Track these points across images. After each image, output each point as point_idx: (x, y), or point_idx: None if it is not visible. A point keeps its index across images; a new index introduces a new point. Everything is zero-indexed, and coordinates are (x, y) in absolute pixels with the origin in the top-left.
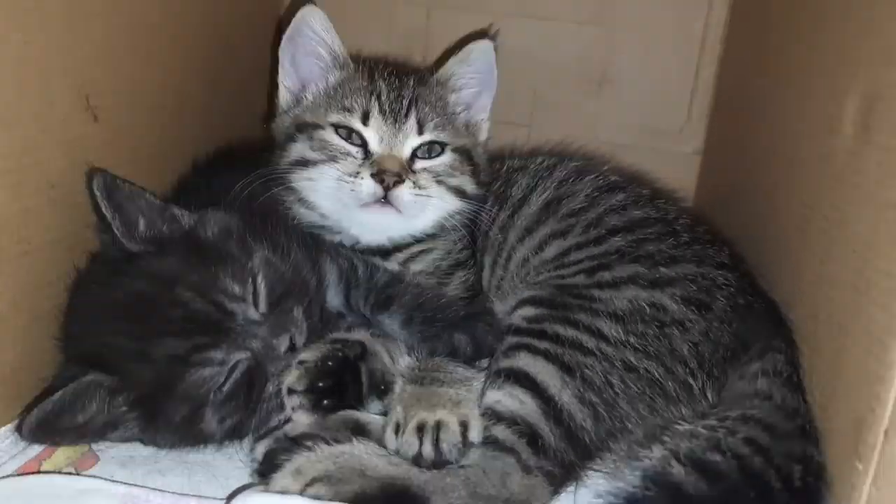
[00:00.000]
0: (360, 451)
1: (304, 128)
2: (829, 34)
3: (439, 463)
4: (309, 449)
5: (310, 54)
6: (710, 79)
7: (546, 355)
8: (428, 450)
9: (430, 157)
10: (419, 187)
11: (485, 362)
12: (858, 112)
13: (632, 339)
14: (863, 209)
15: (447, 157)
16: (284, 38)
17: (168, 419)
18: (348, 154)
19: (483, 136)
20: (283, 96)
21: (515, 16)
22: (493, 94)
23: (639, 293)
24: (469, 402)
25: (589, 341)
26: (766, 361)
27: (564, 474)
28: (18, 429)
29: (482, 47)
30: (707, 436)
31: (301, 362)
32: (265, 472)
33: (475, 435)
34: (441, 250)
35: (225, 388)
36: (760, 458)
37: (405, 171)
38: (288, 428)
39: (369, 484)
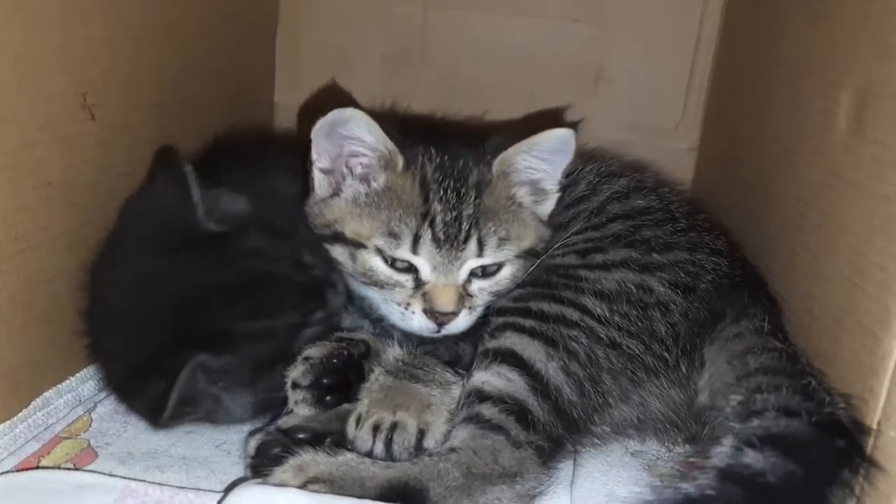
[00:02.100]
0: (357, 462)
1: (343, 239)
2: (822, 30)
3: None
4: (301, 441)
5: (351, 154)
6: (705, 75)
7: (532, 332)
8: (379, 449)
9: (488, 277)
10: (474, 309)
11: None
12: (852, 107)
13: (616, 318)
14: (857, 203)
15: (507, 271)
16: (321, 124)
17: (270, 381)
18: (397, 283)
19: (550, 207)
20: (319, 180)
21: (511, 14)
22: (566, 164)
23: (628, 275)
24: (440, 406)
25: (573, 314)
26: (744, 322)
27: (553, 448)
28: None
29: (562, 136)
30: (764, 401)
31: (306, 358)
32: (258, 465)
33: (431, 444)
34: None
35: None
36: (817, 403)
37: (461, 301)
38: (280, 421)
39: (368, 493)
